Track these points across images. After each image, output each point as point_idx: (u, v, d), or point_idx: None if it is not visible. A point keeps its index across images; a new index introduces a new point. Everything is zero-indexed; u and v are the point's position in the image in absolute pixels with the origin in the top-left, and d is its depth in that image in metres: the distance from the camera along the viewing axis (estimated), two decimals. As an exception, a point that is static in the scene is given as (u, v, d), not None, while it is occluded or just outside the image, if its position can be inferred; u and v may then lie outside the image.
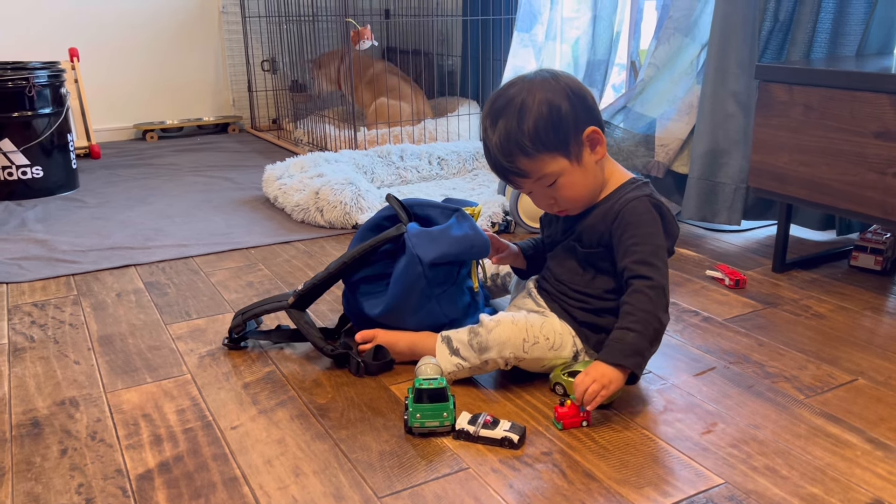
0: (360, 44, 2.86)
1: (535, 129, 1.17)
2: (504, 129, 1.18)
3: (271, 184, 2.46)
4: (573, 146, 1.19)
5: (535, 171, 1.20)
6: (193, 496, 1.00)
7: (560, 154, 1.19)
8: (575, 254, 1.28)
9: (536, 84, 1.19)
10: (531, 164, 1.19)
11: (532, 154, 1.18)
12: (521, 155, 1.19)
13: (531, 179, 1.22)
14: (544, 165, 1.19)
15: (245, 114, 3.88)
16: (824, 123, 1.59)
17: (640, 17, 2.63)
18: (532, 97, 1.18)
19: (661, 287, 1.17)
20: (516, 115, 1.18)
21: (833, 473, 1.03)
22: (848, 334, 1.46)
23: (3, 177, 2.51)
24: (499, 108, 1.20)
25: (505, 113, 1.19)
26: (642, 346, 1.15)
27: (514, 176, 1.23)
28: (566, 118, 1.18)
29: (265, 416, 1.19)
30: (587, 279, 1.27)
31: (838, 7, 1.85)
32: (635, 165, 2.20)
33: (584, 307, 1.27)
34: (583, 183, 1.22)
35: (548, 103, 1.17)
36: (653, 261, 1.18)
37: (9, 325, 1.55)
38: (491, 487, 1.01)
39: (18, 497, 1.00)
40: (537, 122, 1.17)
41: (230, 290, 1.72)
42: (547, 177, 1.20)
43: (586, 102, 1.21)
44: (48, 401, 1.25)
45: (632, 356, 1.14)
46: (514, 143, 1.18)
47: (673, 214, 1.24)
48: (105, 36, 3.49)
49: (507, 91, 1.21)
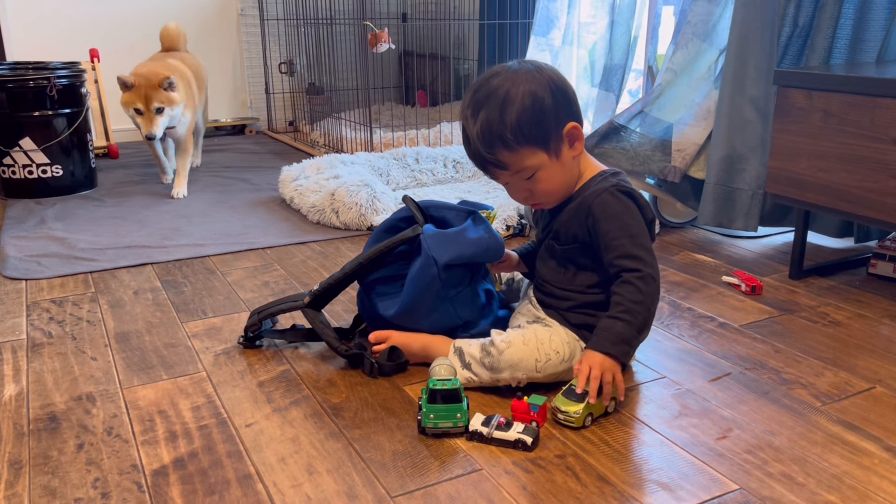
0: (377, 47, 2.87)
1: (517, 121, 1.16)
2: (486, 119, 1.17)
3: (287, 185, 2.47)
4: (553, 141, 1.19)
5: (514, 163, 1.20)
6: (208, 492, 1.00)
7: (540, 148, 1.19)
8: (554, 252, 1.28)
9: (520, 75, 1.18)
10: (511, 156, 1.19)
11: (513, 147, 1.17)
12: (502, 147, 1.18)
13: (510, 172, 1.21)
14: (524, 158, 1.19)
15: (262, 115, 3.90)
16: (844, 130, 1.58)
17: (657, 21, 2.62)
18: (516, 89, 1.16)
19: (650, 276, 1.17)
20: (499, 106, 1.16)
21: (850, 481, 1.02)
22: (866, 342, 1.45)
23: (24, 175, 2.54)
24: (481, 99, 1.18)
25: (487, 104, 1.17)
26: (629, 334, 1.16)
27: (492, 167, 1.22)
28: (548, 112, 1.17)
29: (279, 414, 1.20)
30: (568, 277, 1.27)
31: (858, 13, 1.84)
32: (651, 170, 2.20)
33: (571, 306, 1.27)
34: (560, 177, 1.22)
35: (531, 96, 1.16)
36: (635, 252, 1.18)
37: (27, 321, 1.57)
38: (504, 489, 1.00)
39: (35, 490, 1.01)
40: (520, 115, 1.16)
41: (246, 290, 1.73)
42: (526, 170, 1.20)
43: (567, 97, 1.21)
44: (65, 396, 1.26)
45: (618, 344, 1.15)
46: (496, 135, 1.17)
47: (645, 199, 1.24)
48: (125, 37, 3.52)
49: (489, 81, 1.19)
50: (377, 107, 3.77)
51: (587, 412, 1.14)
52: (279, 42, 3.75)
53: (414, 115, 3.50)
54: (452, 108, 3.44)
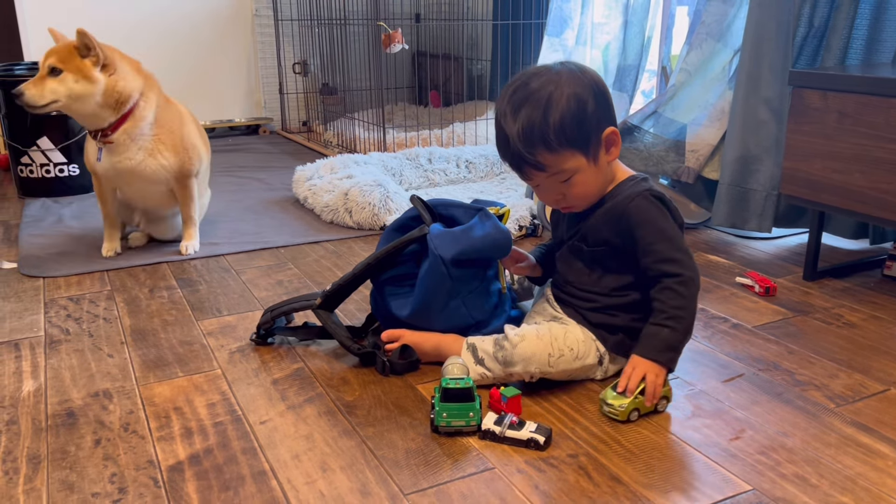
0: (390, 47, 2.88)
1: (560, 123, 1.15)
2: (528, 119, 1.15)
3: (301, 185, 2.48)
4: (593, 145, 1.19)
5: (553, 165, 1.18)
6: (223, 488, 1.01)
7: (580, 151, 1.18)
8: (581, 254, 1.28)
9: (564, 77, 1.17)
10: (551, 158, 1.17)
11: (554, 148, 1.16)
12: (543, 148, 1.16)
13: (546, 174, 1.20)
14: (563, 161, 1.18)
15: (276, 116, 3.92)
16: (858, 130, 1.57)
17: (671, 22, 2.62)
18: (560, 91, 1.15)
19: (690, 279, 1.17)
20: (542, 106, 1.15)
21: (864, 483, 1.01)
22: (880, 344, 1.44)
23: (42, 174, 2.57)
24: (522, 98, 1.17)
25: (529, 103, 1.16)
26: (675, 340, 1.17)
27: (529, 168, 1.20)
28: (591, 116, 1.17)
29: (293, 411, 1.21)
30: (594, 278, 1.27)
31: (874, 13, 1.83)
32: (665, 171, 2.19)
33: (594, 307, 1.27)
34: (595, 181, 1.22)
35: (576, 98, 1.15)
36: (674, 255, 1.18)
37: (45, 318, 1.59)
38: (516, 488, 1.01)
39: (53, 484, 1.03)
40: (564, 117, 1.15)
41: (260, 288, 1.75)
42: (563, 172, 1.19)
43: (608, 101, 1.21)
44: (83, 392, 1.28)
45: (665, 352, 1.16)
46: (538, 136, 1.15)
47: (674, 204, 1.23)
48: (140, 37, 3.55)
49: (530, 81, 1.17)
50: (390, 107, 3.78)
51: (633, 407, 1.15)
52: (293, 42, 3.77)
53: (427, 115, 3.51)
54: (465, 108, 3.45)
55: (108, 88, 1.81)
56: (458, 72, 3.66)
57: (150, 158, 1.87)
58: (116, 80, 1.82)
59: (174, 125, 1.93)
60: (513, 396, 1.15)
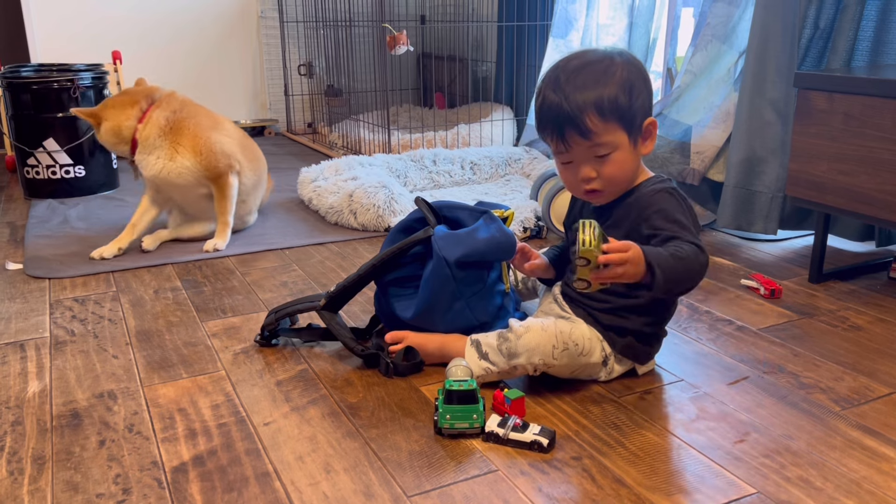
0: (395, 49, 2.88)
1: (616, 94, 1.17)
2: (584, 82, 1.17)
3: (306, 186, 2.49)
4: (636, 128, 1.21)
5: (598, 133, 1.18)
6: (226, 489, 1.01)
7: (624, 129, 1.19)
8: None
9: (618, 58, 1.20)
10: (600, 124, 1.17)
11: (605, 115, 1.17)
12: (595, 112, 1.17)
13: (589, 143, 1.19)
14: (609, 132, 1.18)
15: (281, 117, 3.93)
16: (865, 132, 1.57)
17: (676, 23, 2.61)
18: (616, 66, 1.19)
19: (700, 249, 1.13)
20: (602, 75, 1.18)
21: (869, 486, 1.01)
22: (886, 346, 1.43)
23: (47, 175, 2.58)
24: (580, 66, 1.20)
25: (587, 70, 1.19)
26: (674, 266, 1.09)
27: (573, 131, 1.18)
28: (640, 98, 1.20)
29: (297, 413, 1.21)
30: None
31: (881, 15, 1.82)
32: (670, 172, 2.19)
33: (607, 308, 1.26)
34: (629, 166, 1.22)
35: (630, 78, 1.19)
36: (688, 236, 1.15)
37: (50, 319, 1.59)
38: (520, 490, 1.01)
39: (58, 485, 1.03)
40: (619, 89, 1.17)
41: (265, 290, 1.75)
42: (604, 146, 1.19)
43: (651, 92, 1.24)
44: (87, 393, 1.28)
45: (659, 264, 1.08)
46: (593, 99, 1.16)
47: (694, 211, 1.24)
48: (147, 39, 3.56)
49: (588, 54, 1.22)
50: (395, 109, 3.78)
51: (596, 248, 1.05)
52: (298, 44, 3.78)
53: (432, 116, 3.51)
54: (470, 110, 3.45)
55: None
56: (463, 73, 3.66)
57: (171, 163, 2.02)
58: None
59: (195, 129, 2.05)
60: (516, 398, 1.15)
